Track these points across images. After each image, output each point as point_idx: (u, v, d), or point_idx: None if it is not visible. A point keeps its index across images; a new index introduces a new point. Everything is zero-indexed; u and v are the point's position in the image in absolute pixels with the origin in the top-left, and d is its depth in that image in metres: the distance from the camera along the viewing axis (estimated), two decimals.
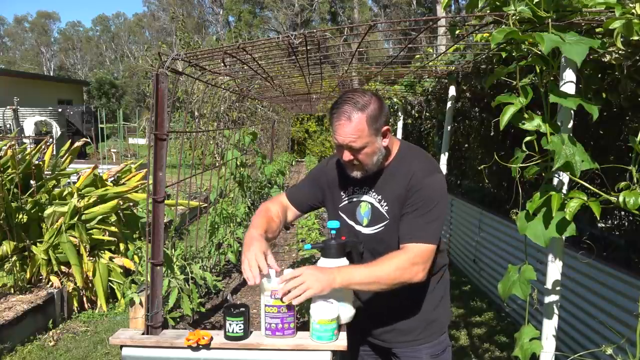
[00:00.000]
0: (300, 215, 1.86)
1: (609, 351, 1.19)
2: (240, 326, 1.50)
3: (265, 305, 1.50)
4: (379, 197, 1.63)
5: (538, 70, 1.30)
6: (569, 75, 1.24)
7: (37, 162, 4.76)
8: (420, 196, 1.54)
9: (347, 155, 1.54)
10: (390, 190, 1.61)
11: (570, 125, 1.25)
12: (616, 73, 1.55)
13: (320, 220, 5.70)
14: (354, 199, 1.69)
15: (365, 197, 1.66)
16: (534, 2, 1.19)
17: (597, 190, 1.18)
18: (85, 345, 3.62)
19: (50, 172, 5.01)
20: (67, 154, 5.41)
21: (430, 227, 1.53)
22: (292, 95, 5.51)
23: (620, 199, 1.11)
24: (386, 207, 1.61)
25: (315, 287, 1.39)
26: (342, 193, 1.72)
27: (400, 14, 32.14)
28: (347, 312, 1.54)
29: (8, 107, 12.51)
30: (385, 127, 1.55)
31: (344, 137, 1.50)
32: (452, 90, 3.36)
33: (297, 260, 4.88)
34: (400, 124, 5.80)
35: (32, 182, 4.44)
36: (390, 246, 1.58)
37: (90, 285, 4.20)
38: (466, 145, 5.39)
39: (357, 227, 1.67)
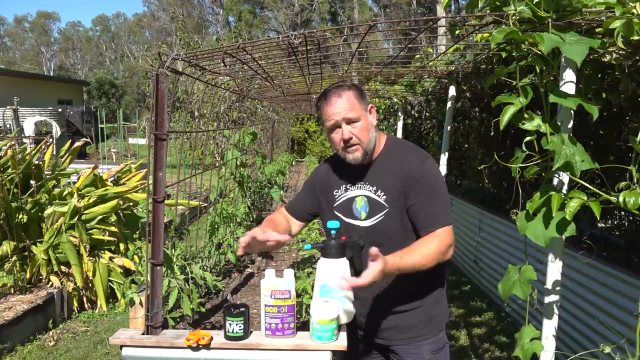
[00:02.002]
0: (303, 225, 1.90)
1: (607, 350, 1.19)
2: (240, 326, 1.50)
3: (265, 305, 1.50)
4: (374, 187, 1.66)
5: (538, 70, 1.30)
6: (569, 75, 1.24)
7: (37, 162, 4.76)
8: (423, 184, 1.58)
9: (346, 132, 1.58)
10: (384, 180, 1.64)
11: (570, 125, 1.25)
12: (616, 73, 1.55)
13: (320, 220, 5.70)
14: (349, 196, 1.71)
15: (359, 192, 1.68)
16: (534, 2, 1.19)
17: (597, 190, 1.18)
18: (85, 345, 3.61)
19: (50, 172, 5.01)
20: (67, 154, 5.41)
21: (443, 209, 1.59)
22: (292, 95, 5.51)
23: (620, 199, 1.11)
24: (384, 197, 1.63)
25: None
26: (335, 193, 1.75)
27: (400, 14, 32.13)
28: (347, 312, 1.54)
29: (8, 107, 12.51)
30: (370, 106, 1.66)
31: (339, 111, 1.58)
32: (452, 90, 3.36)
33: (297, 261, 4.89)
34: (400, 124, 5.80)
35: (32, 182, 4.44)
36: (391, 236, 1.62)
37: (90, 285, 4.20)
38: (466, 145, 5.39)
39: (355, 223, 1.68)
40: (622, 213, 3.33)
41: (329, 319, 1.45)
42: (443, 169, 3.43)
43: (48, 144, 5.82)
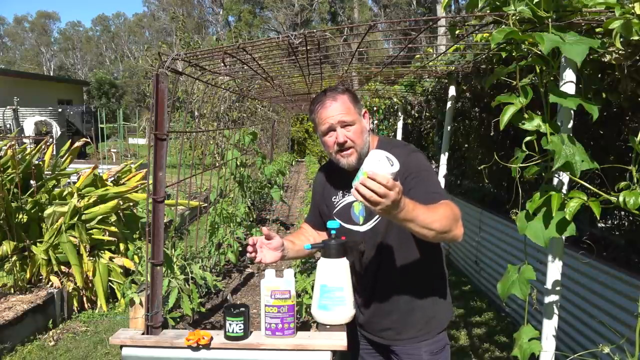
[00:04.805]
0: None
1: (607, 350, 1.19)
2: (240, 326, 1.50)
3: (265, 305, 1.50)
4: None
5: (538, 70, 1.30)
6: (569, 75, 1.24)
7: (37, 162, 4.76)
8: (412, 174, 1.55)
9: (341, 136, 1.58)
10: None
11: (570, 125, 1.25)
12: (616, 73, 1.55)
13: None
14: (346, 202, 1.72)
15: None
16: (534, 2, 1.19)
17: (597, 190, 1.18)
18: (85, 345, 3.62)
19: (50, 172, 5.01)
20: (67, 154, 5.41)
21: (440, 189, 1.58)
22: (292, 95, 5.50)
23: (620, 199, 1.11)
24: None
25: (381, 212, 1.23)
26: (333, 199, 1.76)
27: (400, 14, 32.12)
28: (347, 312, 1.54)
29: (8, 107, 12.52)
30: (364, 111, 1.67)
31: (334, 115, 1.57)
32: (452, 90, 3.36)
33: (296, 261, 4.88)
34: (400, 124, 5.79)
35: (32, 182, 4.44)
36: (389, 237, 1.63)
37: (90, 285, 4.20)
38: (466, 145, 5.38)
39: (355, 228, 1.69)
40: (622, 213, 3.33)
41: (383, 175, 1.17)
42: (443, 169, 3.43)
43: (48, 144, 5.82)
